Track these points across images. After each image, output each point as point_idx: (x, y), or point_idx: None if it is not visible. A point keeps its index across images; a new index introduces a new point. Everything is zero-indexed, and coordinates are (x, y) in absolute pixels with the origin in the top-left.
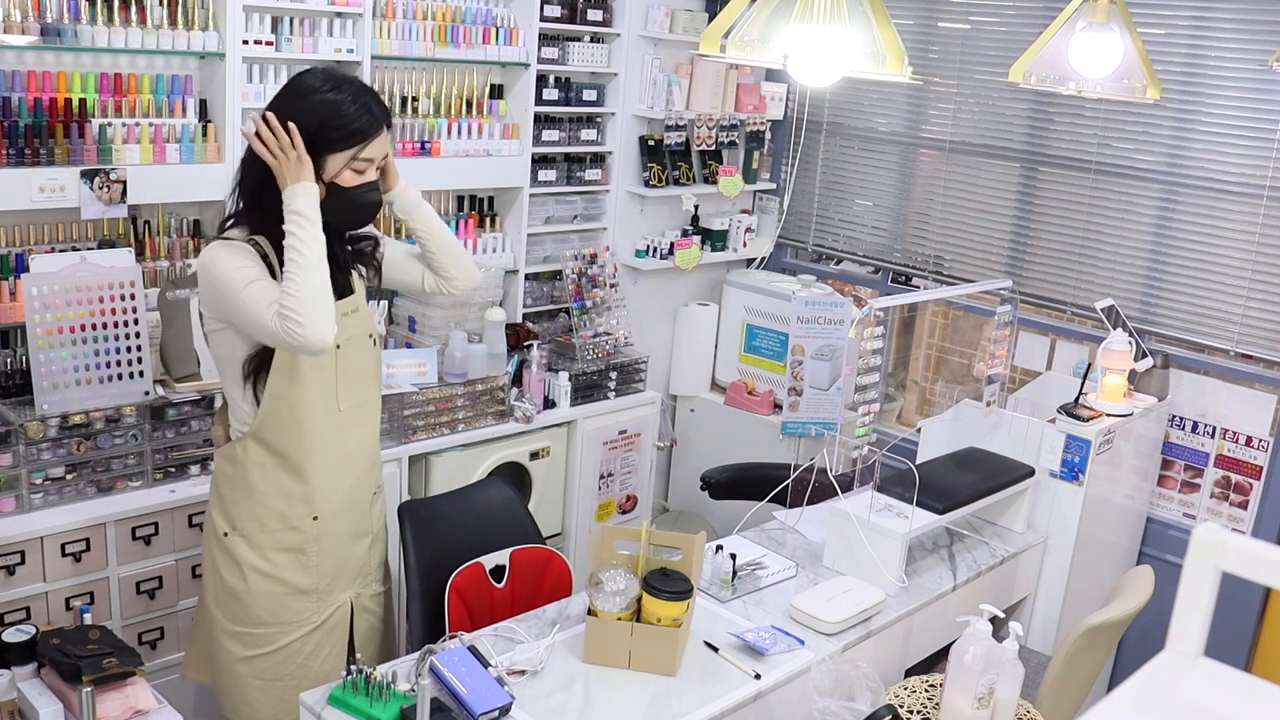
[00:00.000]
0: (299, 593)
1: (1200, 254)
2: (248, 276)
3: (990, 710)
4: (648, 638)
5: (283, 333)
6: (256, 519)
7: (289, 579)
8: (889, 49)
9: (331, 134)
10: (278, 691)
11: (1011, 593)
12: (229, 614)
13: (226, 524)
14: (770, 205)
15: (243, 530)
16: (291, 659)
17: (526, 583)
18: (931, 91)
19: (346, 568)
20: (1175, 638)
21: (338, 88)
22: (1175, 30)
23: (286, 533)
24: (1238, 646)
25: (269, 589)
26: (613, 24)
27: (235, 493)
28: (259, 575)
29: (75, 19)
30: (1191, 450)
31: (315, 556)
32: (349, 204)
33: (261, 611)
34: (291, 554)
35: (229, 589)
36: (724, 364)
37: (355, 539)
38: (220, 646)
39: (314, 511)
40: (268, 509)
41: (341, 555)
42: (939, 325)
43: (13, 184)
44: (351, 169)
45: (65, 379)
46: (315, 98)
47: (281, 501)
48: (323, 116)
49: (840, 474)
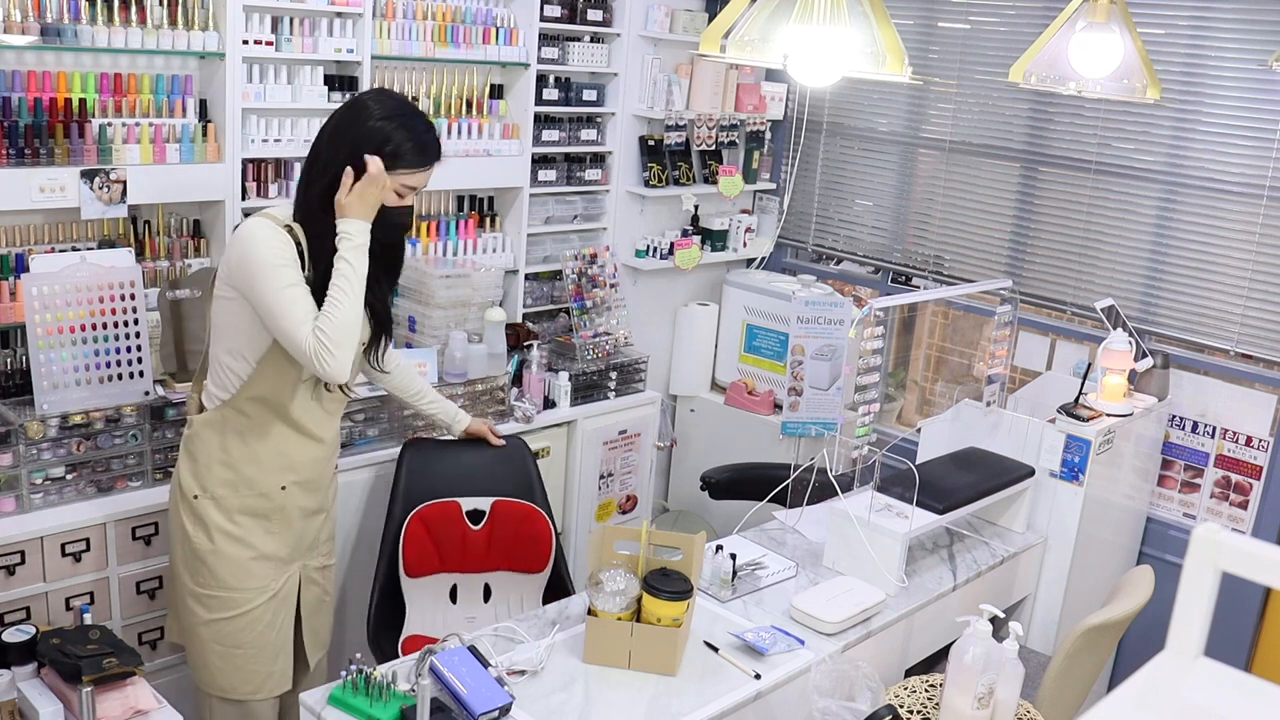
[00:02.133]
0: (263, 557)
1: (1200, 254)
2: (289, 278)
3: (990, 710)
4: (648, 638)
5: (313, 356)
6: (228, 483)
7: (254, 542)
8: (889, 49)
9: (387, 159)
10: (237, 660)
11: (1011, 593)
12: (195, 576)
13: (197, 486)
14: (770, 205)
15: (212, 493)
16: (251, 626)
17: (505, 533)
18: (931, 91)
19: (303, 539)
20: (1175, 638)
21: (406, 119)
22: (1175, 30)
23: (255, 499)
24: (1238, 646)
25: (235, 552)
26: (613, 24)
27: (209, 457)
28: (225, 537)
29: (75, 19)
30: (1191, 450)
31: (278, 524)
32: (383, 221)
33: (226, 575)
34: (257, 519)
35: (195, 550)
36: (724, 364)
37: (313, 513)
38: (186, 609)
39: (282, 481)
40: (239, 474)
41: (300, 526)
42: (939, 325)
43: (13, 184)
44: (396, 192)
45: (65, 379)
46: (377, 123)
47: (253, 468)
48: (379, 141)
49: (840, 474)
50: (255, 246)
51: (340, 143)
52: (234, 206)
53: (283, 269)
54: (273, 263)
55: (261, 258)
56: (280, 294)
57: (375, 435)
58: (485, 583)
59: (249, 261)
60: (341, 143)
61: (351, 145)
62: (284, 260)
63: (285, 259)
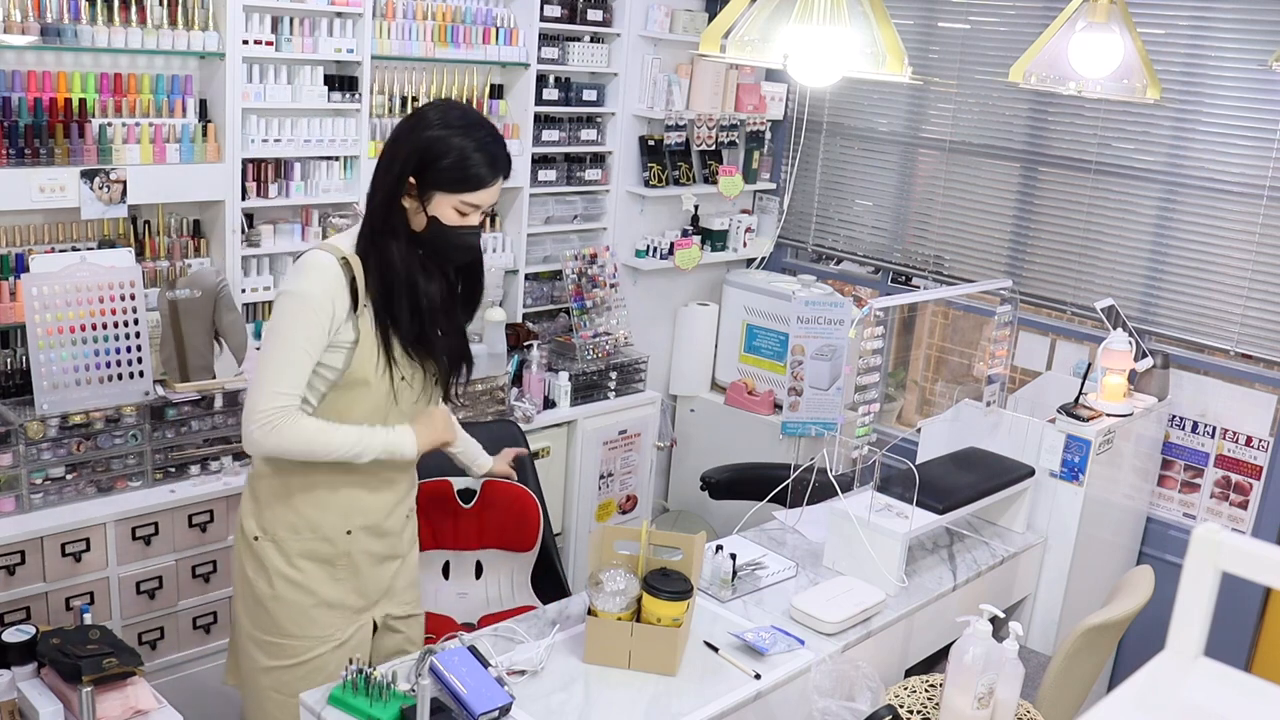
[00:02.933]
0: (326, 605)
1: (1200, 254)
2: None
3: (990, 710)
4: (648, 638)
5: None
6: (289, 526)
7: (316, 589)
8: (889, 49)
9: (447, 173)
10: (295, 710)
11: (1011, 593)
12: (255, 621)
13: (258, 528)
14: (770, 205)
15: (273, 535)
16: (313, 676)
17: (495, 513)
18: (931, 91)
19: (374, 586)
20: (1175, 638)
21: (467, 130)
22: (1175, 30)
23: (318, 543)
24: (1238, 646)
25: (296, 598)
26: (613, 24)
27: (270, 496)
28: (286, 582)
29: (75, 19)
30: (1191, 450)
31: (344, 570)
32: (445, 242)
33: (288, 622)
34: (320, 564)
35: (256, 595)
36: (724, 364)
37: (384, 560)
38: (245, 653)
39: (348, 525)
40: (301, 516)
41: (369, 573)
42: (939, 325)
43: (13, 184)
44: (456, 209)
45: (65, 379)
46: (439, 133)
47: (316, 511)
48: (441, 154)
49: (840, 474)
50: (301, 285)
51: (397, 154)
52: (234, 206)
53: (302, 331)
54: (294, 315)
55: (291, 308)
56: (279, 353)
57: None
58: (477, 560)
59: (287, 296)
60: (398, 154)
61: (407, 157)
62: (317, 318)
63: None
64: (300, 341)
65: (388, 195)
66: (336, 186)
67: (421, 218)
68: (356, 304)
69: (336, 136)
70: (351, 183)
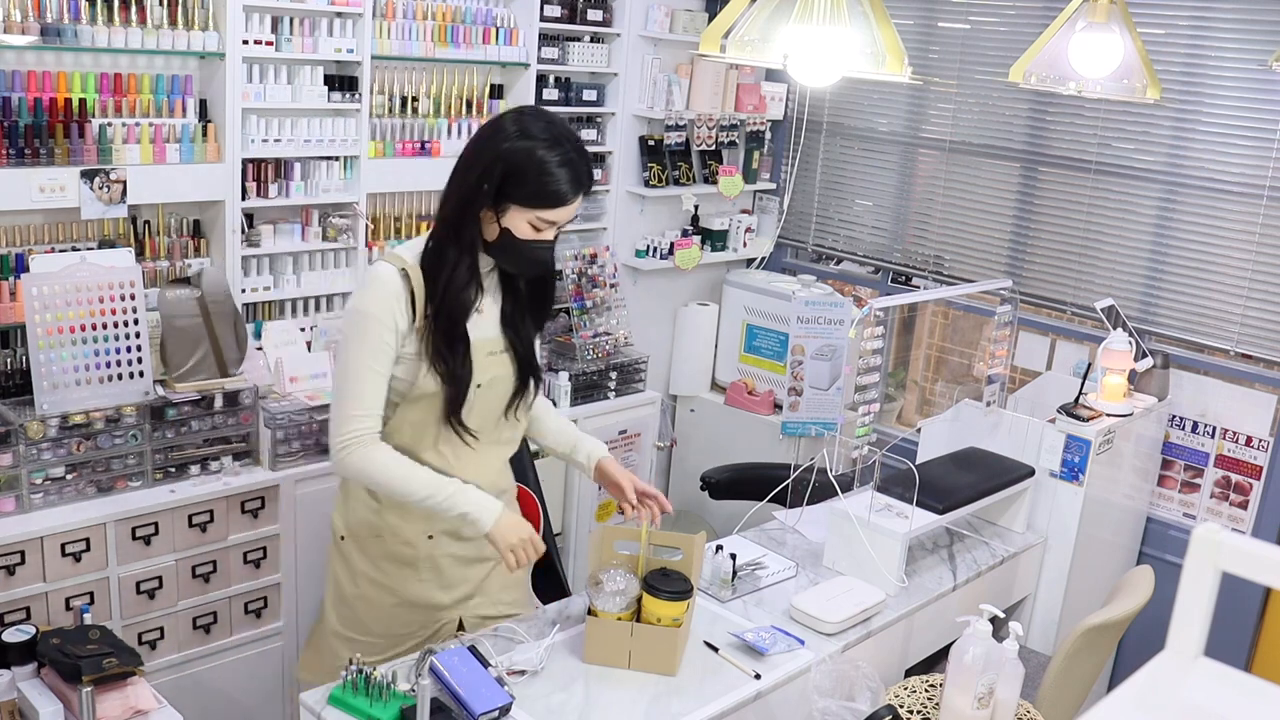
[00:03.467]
0: (409, 604)
1: (1200, 254)
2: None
3: (990, 710)
4: (648, 638)
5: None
6: (371, 527)
7: (399, 589)
8: (889, 49)
9: (524, 187)
10: None
11: (1011, 593)
12: (341, 617)
13: (343, 527)
14: (770, 205)
15: (356, 536)
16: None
17: None
18: (931, 91)
19: (461, 586)
20: (1175, 638)
21: (552, 143)
22: (1175, 30)
23: (399, 546)
24: (1238, 646)
25: (379, 597)
26: (613, 24)
27: (355, 498)
28: (369, 582)
29: (75, 19)
30: (1191, 450)
31: (428, 572)
32: (516, 254)
33: (371, 620)
34: (402, 566)
35: (342, 592)
36: (724, 364)
37: (472, 562)
38: (329, 649)
39: (429, 530)
40: (383, 520)
41: (454, 574)
42: (939, 325)
43: (13, 184)
44: (531, 224)
45: (65, 379)
46: (521, 144)
47: (397, 515)
48: (521, 166)
49: (840, 474)
50: (363, 303)
51: (475, 162)
52: (234, 206)
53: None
54: (362, 336)
55: (359, 325)
56: (348, 373)
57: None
58: None
59: (350, 312)
60: (476, 162)
61: (486, 166)
62: (381, 334)
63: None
64: (366, 359)
65: (461, 204)
66: (336, 186)
67: (494, 228)
68: (415, 316)
69: (336, 136)
70: (351, 182)
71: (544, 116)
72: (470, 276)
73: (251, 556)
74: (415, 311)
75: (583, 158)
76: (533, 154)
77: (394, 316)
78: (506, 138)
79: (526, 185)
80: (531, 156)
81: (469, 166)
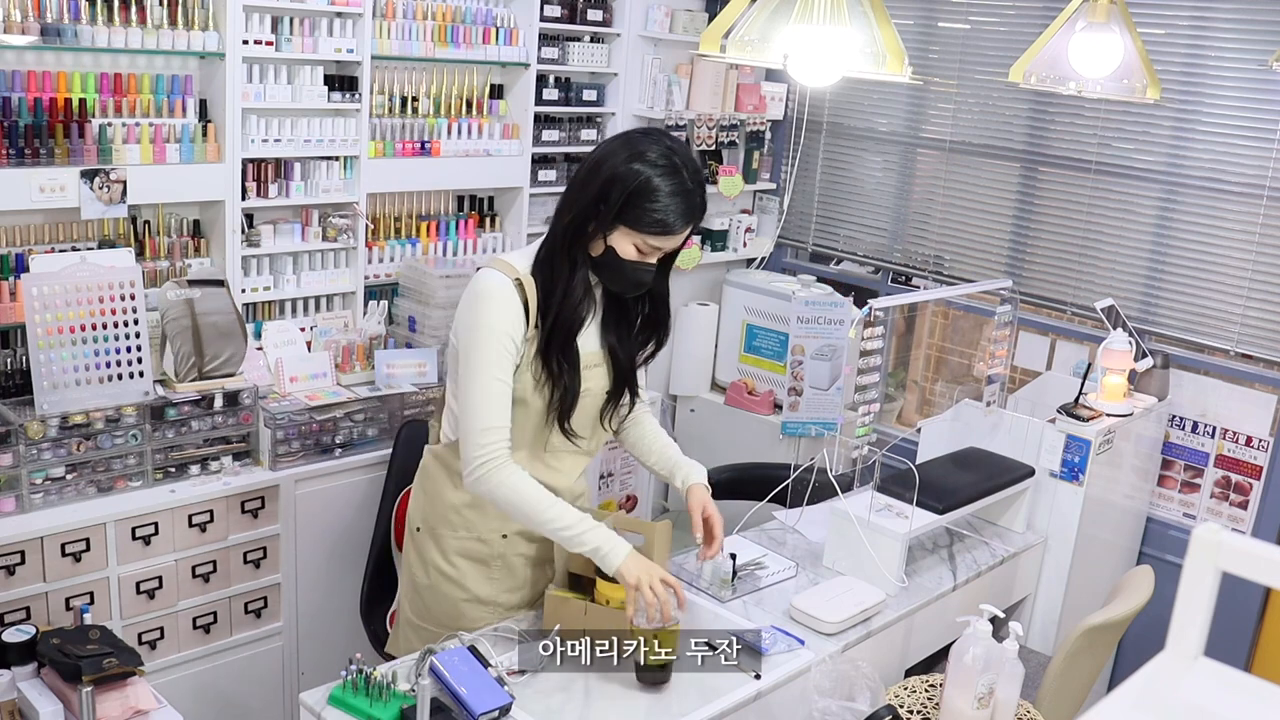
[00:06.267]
0: (477, 601)
1: (1200, 254)
2: (495, 369)
3: (990, 710)
4: (599, 617)
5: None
6: (446, 522)
7: (469, 585)
8: (889, 49)
9: (635, 210)
10: None
11: (1011, 593)
12: (413, 606)
13: (420, 520)
14: (770, 205)
15: (431, 529)
16: None
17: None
18: (931, 91)
19: (532, 586)
20: (1175, 638)
21: (669, 172)
22: (1175, 30)
23: (473, 543)
24: (1238, 646)
25: (449, 591)
26: (613, 24)
27: (433, 492)
28: (441, 575)
29: (75, 19)
30: (1191, 450)
31: (499, 571)
32: (618, 272)
33: (440, 612)
34: (475, 563)
35: (415, 582)
36: (724, 364)
37: (543, 563)
38: (404, 635)
39: (504, 529)
40: (459, 515)
41: (527, 575)
42: (939, 325)
43: (13, 184)
44: (637, 246)
45: (65, 379)
46: (640, 167)
47: (473, 512)
48: (636, 190)
49: (840, 474)
50: (483, 315)
51: (594, 178)
52: (234, 206)
53: (494, 360)
54: (487, 340)
55: (482, 338)
56: (477, 381)
57: (375, 435)
58: None
59: (472, 327)
60: (595, 179)
61: (606, 183)
62: (504, 344)
63: (506, 343)
64: (494, 371)
65: (578, 218)
66: (336, 186)
67: (600, 244)
68: (528, 327)
69: (336, 136)
70: (351, 182)
71: (668, 139)
72: (585, 291)
73: (251, 556)
74: (529, 322)
75: (699, 189)
76: (649, 180)
77: (515, 327)
78: (625, 159)
79: (636, 209)
80: (647, 182)
81: (586, 183)
